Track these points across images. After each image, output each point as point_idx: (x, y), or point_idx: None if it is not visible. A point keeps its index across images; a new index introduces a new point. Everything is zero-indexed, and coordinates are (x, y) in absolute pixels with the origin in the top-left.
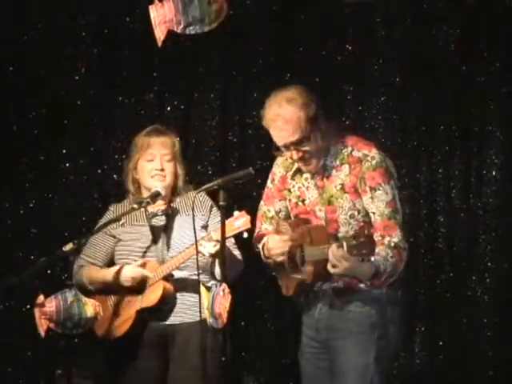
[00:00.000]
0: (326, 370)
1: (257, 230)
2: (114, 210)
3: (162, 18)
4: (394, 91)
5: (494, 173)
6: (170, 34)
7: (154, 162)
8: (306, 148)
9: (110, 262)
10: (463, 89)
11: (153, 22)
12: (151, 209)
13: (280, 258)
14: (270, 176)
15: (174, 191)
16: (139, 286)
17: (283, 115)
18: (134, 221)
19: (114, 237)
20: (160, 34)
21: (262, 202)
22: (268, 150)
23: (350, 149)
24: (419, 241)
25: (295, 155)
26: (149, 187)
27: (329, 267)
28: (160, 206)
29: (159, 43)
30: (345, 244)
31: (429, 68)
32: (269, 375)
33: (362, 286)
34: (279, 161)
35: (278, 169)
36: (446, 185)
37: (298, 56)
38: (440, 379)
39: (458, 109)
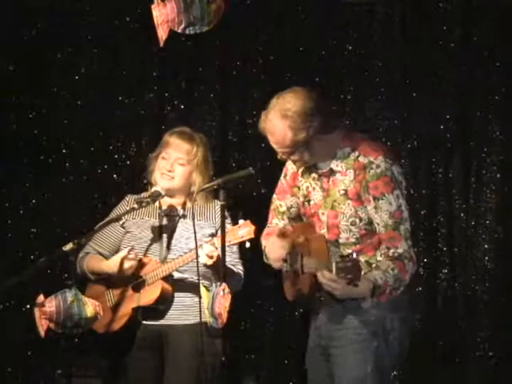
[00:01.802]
0: (330, 375)
1: (268, 224)
2: (128, 201)
3: (165, 18)
4: (394, 91)
5: (493, 173)
6: (171, 33)
7: (167, 161)
8: (294, 158)
9: (117, 252)
10: (463, 89)
11: (155, 21)
12: (165, 206)
13: (277, 264)
14: (284, 171)
15: (188, 197)
16: (137, 283)
17: (271, 127)
18: (145, 215)
19: (124, 227)
20: (162, 34)
21: (274, 196)
22: (268, 150)
23: (357, 154)
24: (419, 241)
25: (282, 157)
26: (157, 184)
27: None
28: (175, 205)
29: (161, 43)
30: (334, 266)
31: (429, 68)
32: (269, 375)
33: (364, 304)
34: None
35: (291, 164)
36: (446, 185)
37: (298, 56)
38: (440, 379)
39: (458, 109)
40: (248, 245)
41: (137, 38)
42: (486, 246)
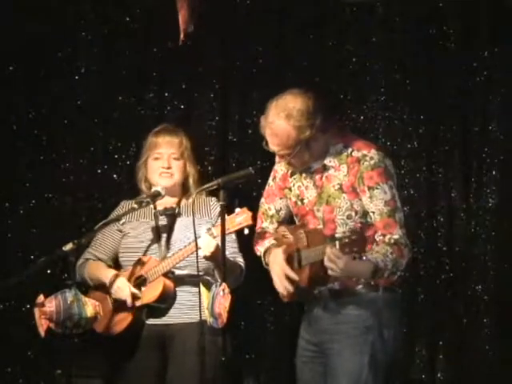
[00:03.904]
0: (322, 375)
1: (257, 228)
2: (123, 206)
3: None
4: (394, 91)
5: (493, 173)
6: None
7: (161, 160)
8: (292, 161)
9: (116, 256)
10: (463, 89)
11: (181, 17)
12: (160, 206)
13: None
14: (272, 174)
15: (185, 191)
16: (139, 281)
17: (275, 128)
18: (141, 217)
19: (121, 231)
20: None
21: (262, 200)
22: (268, 150)
23: (350, 150)
24: (419, 241)
25: (281, 159)
26: (157, 185)
27: (328, 269)
28: (170, 204)
29: (181, 42)
30: (337, 243)
31: (428, 68)
32: (269, 375)
33: (359, 288)
34: None
35: (280, 167)
36: (446, 185)
37: (298, 56)
38: (440, 379)
39: (458, 109)
40: (246, 231)
41: (137, 38)
42: (486, 246)
